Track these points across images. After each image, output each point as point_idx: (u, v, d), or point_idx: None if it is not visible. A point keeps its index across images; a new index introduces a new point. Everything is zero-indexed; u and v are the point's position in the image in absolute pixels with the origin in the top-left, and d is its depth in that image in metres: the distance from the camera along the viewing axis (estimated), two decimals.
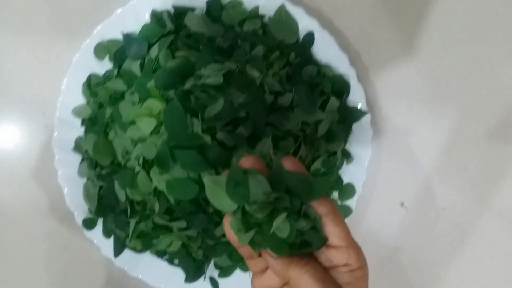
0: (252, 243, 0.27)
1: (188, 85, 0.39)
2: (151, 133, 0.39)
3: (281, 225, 0.27)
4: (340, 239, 0.28)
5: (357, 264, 0.28)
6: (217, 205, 0.28)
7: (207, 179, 0.28)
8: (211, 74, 0.39)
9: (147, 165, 0.40)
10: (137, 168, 0.40)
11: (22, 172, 0.51)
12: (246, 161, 0.28)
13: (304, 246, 0.28)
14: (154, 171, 0.39)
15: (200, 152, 0.38)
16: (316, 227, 0.27)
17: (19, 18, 0.49)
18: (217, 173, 0.39)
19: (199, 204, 0.41)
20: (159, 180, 0.39)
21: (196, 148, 0.38)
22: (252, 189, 0.27)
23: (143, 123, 0.39)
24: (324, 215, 0.28)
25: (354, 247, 0.28)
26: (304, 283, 0.27)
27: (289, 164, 0.28)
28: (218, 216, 0.42)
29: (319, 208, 0.28)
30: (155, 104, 0.39)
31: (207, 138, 0.38)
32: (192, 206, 0.41)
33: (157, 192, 0.40)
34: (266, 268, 0.30)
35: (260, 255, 0.29)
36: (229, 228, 0.28)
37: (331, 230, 0.28)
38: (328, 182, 0.27)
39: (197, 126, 0.38)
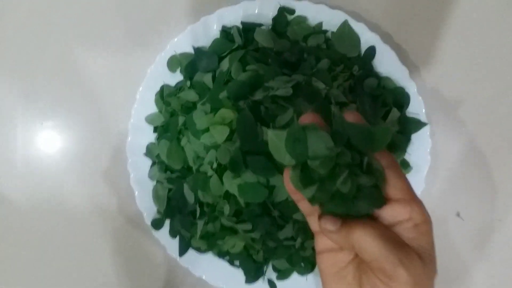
0: (313, 199, 0.27)
1: (258, 96, 0.41)
2: (225, 140, 0.42)
3: (343, 181, 0.26)
4: (403, 192, 0.27)
5: (421, 218, 0.27)
6: (278, 158, 0.28)
7: (270, 132, 0.28)
8: (280, 86, 0.41)
9: (219, 169, 0.43)
10: (210, 172, 0.43)
11: (94, 173, 0.55)
12: (306, 118, 0.28)
13: (364, 206, 0.27)
14: (227, 175, 0.42)
15: (270, 159, 0.41)
16: (378, 185, 0.27)
17: (97, 33, 0.54)
18: None
19: (266, 207, 0.43)
20: (231, 184, 0.41)
21: (266, 155, 0.41)
22: (313, 145, 0.27)
23: (216, 131, 0.42)
24: (386, 167, 0.27)
25: (417, 201, 0.27)
26: (366, 244, 0.26)
27: (351, 117, 0.28)
28: (282, 220, 0.44)
29: (381, 160, 0.27)
30: (228, 114, 0.42)
31: None
32: (259, 209, 0.43)
33: (227, 195, 0.43)
34: None
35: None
36: (289, 181, 0.28)
37: (393, 183, 0.27)
38: (389, 132, 0.27)
39: (267, 134, 0.41)
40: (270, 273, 0.51)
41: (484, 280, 0.52)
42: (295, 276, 0.51)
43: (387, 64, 0.47)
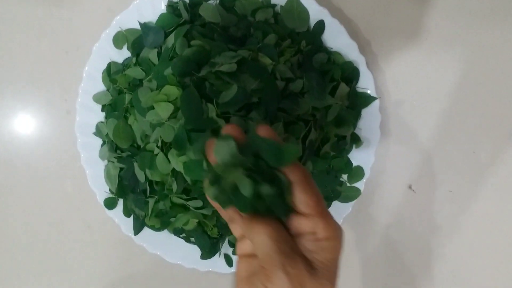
0: (215, 198, 0.29)
1: (203, 72, 0.40)
2: (169, 118, 0.41)
3: (242, 183, 0.28)
4: (308, 207, 0.28)
5: (324, 233, 0.28)
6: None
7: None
8: (225, 62, 0.41)
9: (165, 147, 0.42)
10: (156, 150, 0.42)
11: (46, 156, 0.54)
12: (226, 129, 0.30)
13: (268, 212, 0.29)
14: (172, 153, 0.41)
15: (215, 135, 0.40)
16: (283, 196, 0.28)
17: (41, 10, 0.52)
18: None
19: None
20: (176, 162, 0.41)
21: (212, 131, 0.40)
22: (221, 152, 0.29)
23: (161, 108, 0.41)
24: (294, 182, 0.28)
25: (323, 216, 0.28)
26: (260, 241, 0.27)
27: (262, 131, 0.29)
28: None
29: (290, 175, 0.28)
30: (172, 91, 0.41)
31: (222, 122, 0.40)
32: None
33: (175, 173, 0.43)
34: None
35: None
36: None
37: (299, 198, 0.28)
38: (297, 150, 0.28)
39: (212, 111, 0.40)
40: (227, 248, 0.52)
41: (435, 249, 0.54)
42: None
43: (336, 38, 0.47)
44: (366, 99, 0.47)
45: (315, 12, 0.46)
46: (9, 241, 0.55)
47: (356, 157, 0.49)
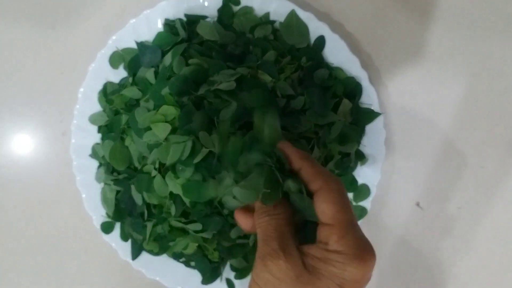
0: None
1: (201, 91, 0.39)
2: (166, 138, 0.40)
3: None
4: (325, 217, 0.27)
5: (335, 246, 0.26)
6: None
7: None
8: (224, 80, 0.40)
9: (163, 169, 0.41)
10: (153, 173, 0.41)
11: (41, 178, 0.52)
12: (283, 143, 0.33)
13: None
14: (170, 175, 0.40)
15: (214, 155, 0.39)
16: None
17: (37, 31, 0.51)
18: None
19: (214, 206, 0.42)
20: (174, 184, 0.40)
21: (211, 151, 0.39)
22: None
23: (158, 129, 0.40)
24: (315, 190, 0.28)
25: (341, 229, 0.27)
26: (259, 229, 0.29)
27: (281, 145, 0.32)
28: (232, 218, 0.43)
29: (311, 184, 0.29)
30: (170, 110, 0.40)
31: None
32: (207, 208, 0.41)
33: (173, 196, 0.41)
34: None
35: None
36: (240, 217, 0.32)
37: (318, 206, 0.28)
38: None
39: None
40: (229, 273, 0.50)
41: (446, 268, 0.52)
42: None
43: (337, 54, 0.45)
44: (370, 115, 0.46)
45: (315, 28, 0.45)
46: (4, 264, 0.53)
47: (361, 174, 0.48)
